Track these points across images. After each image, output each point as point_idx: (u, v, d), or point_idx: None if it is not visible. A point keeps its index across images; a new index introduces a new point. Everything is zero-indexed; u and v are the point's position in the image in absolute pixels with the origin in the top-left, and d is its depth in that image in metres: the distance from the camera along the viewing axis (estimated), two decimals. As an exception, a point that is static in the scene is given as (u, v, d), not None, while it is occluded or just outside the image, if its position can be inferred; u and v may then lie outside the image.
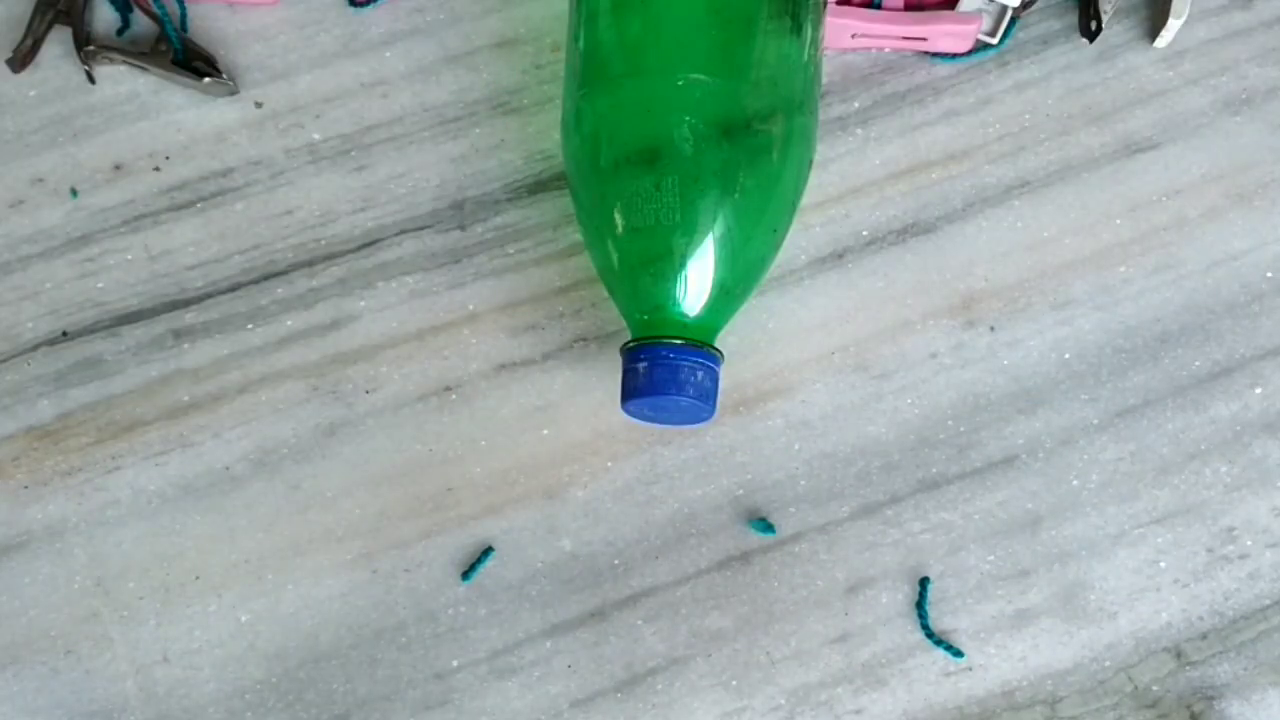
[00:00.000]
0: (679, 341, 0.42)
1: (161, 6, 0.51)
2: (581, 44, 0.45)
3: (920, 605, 0.46)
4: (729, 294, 0.44)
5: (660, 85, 0.43)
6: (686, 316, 0.43)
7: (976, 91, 0.51)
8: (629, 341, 0.44)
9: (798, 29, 0.45)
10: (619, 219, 0.43)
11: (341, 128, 0.51)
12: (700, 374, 0.42)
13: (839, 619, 0.46)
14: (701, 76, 0.42)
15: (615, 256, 0.43)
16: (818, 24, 0.46)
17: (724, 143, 0.42)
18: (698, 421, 0.44)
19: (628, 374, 0.43)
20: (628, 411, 0.44)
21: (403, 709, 0.45)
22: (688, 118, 0.42)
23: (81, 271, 0.49)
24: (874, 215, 0.50)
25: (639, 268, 0.43)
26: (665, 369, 0.42)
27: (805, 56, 0.45)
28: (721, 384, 0.48)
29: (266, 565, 0.47)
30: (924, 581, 0.46)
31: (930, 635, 0.45)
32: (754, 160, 0.43)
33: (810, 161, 0.46)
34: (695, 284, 0.43)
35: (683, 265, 0.42)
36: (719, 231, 0.42)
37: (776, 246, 0.45)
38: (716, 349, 0.43)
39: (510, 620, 0.46)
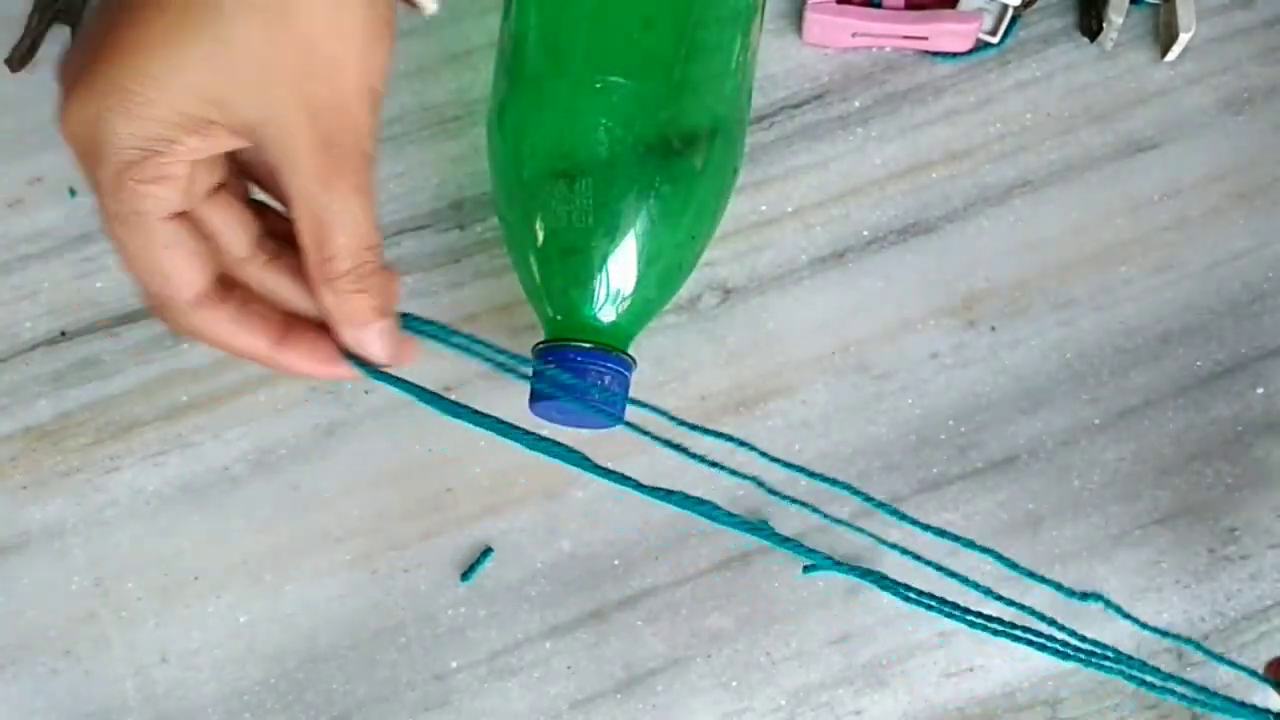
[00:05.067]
0: (588, 345, 0.42)
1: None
2: (508, 44, 0.45)
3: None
4: (643, 300, 0.43)
5: (578, 87, 0.42)
6: (599, 320, 0.43)
7: (977, 91, 0.51)
8: (539, 343, 0.43)
9: (726, 36, 0.44)
10: (534, 219, 0.42)
11: (341, 127, 0.51)
12: (608, 378, 0.42)
13: (839, 619, 0.46)
14: (620, 80, 0.42)
15: (529, 256, 0.43)
16: (749, 32, 0.45)
17: (641, 148, 0.42)
18: (605, 426, 0.44)
19: (536, 375, 0.43)
20: (535, 413, 0.43)
21: (402, 710, 0.45)
22: (604, 121, 0.42)
23: (80, 271, 0.49)
24: (875, 215, 0.50)
25: (552, 269, 0.43)
26: (572, 372, 0.42)
27: (733, 64, 0.44)
28: (721, 385, 0.48)
29: (265, 566, 0.46)
30: None
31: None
32: (672, 167, 0.42)
33: (736, 171, 0.45)
34: (608, 288, 0.42)
35: (595, 268, 0.42)
36: (634, 237, 0.42)
37: (696, 254, 0.45)
38: (628, 354, 0.43)
39: (510, 621, 0.46)
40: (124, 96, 0.28)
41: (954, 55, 0.51)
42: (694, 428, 0.37)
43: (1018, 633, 0.36)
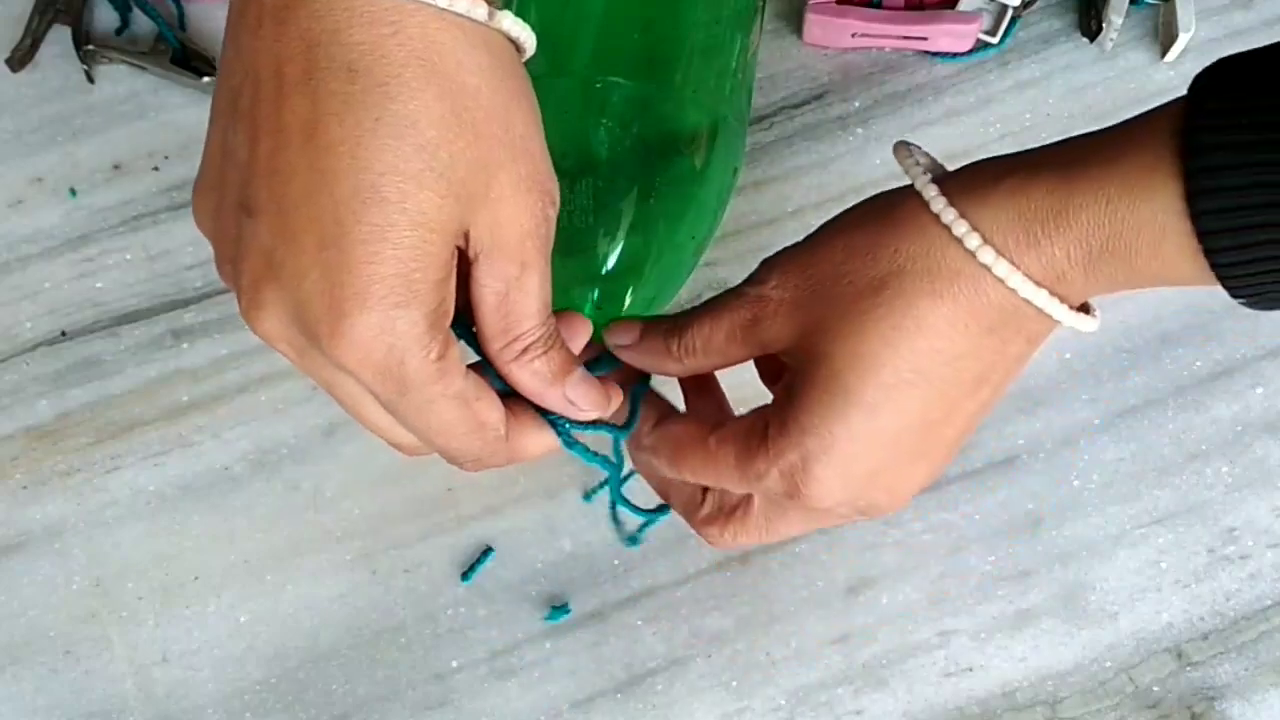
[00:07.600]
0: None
1: (154, 9, 0.51)
2: None
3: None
4: (643, 300, 0.43)
5: (578, 87, 0.42)
6: (599, 320, 0.43)
7: (977, 91, 0.51)
8: None
9: (726, 37, 0.44)
10: None
11: (341, 127, 0.51)
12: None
13: (839, 619, 0.46)
14: (620, 80, 0.42)
15: None
16: (749, 33, 0.45)
17: (641, 148, 0.42)
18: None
19: None
20: None
21: (402, 709, 0.45)
22: (604, 121, 0.42)
23: (80, 271, 0.49)
24: (874, 215, 0.50)
25: (552, 269, 0.43)
26: None
27: (733, 65, 0.44)
28: (720, 384, 0.48)
29: (266, 565, 0.47)
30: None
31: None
32: (673, 167, 0.42)
33: (736, 171, 0.45)
34: (609, 288, 0.42)
35: (595, 269, 0.42)
36: (634, 237, 0.42)
37: (696, 254, 0.45)
38: None
39: (510, 621, 0.46)
40: (400, 283, 0.28)
41: (954, 55, 0.51)
42: None
43: None
